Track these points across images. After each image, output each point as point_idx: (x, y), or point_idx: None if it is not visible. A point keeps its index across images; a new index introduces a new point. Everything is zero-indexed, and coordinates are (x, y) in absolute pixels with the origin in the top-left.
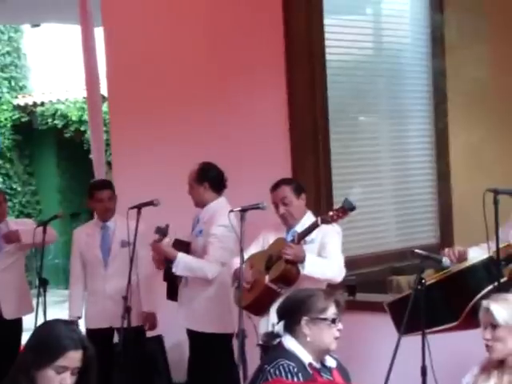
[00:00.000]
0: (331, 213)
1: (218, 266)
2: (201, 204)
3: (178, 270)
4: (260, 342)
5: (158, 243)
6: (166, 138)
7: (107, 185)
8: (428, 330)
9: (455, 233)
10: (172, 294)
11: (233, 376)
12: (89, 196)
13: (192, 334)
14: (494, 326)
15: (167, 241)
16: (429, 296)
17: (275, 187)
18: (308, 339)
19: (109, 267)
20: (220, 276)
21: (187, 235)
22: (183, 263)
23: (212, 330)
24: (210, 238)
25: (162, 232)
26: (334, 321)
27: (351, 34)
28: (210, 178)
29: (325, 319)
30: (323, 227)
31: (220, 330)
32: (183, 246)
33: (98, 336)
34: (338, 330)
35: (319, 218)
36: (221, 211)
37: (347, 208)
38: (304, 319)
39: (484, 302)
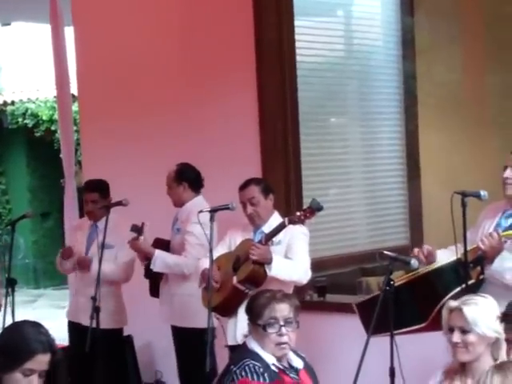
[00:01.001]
0: (298, 213)
1: (195, 262)
2: (179, 203)
3: (155, 266)
4: (228, 343)
5: (135, 241)
6: (137, 138)
7: (95, 188)
8: (396, 331)
9: (425, 234)
10: (154, 291)
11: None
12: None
13: (175, 330)
14: (465, 330)
15: (142, 239)
16: (397, 297)
17: (244, 187)
18: (258, 343)
19: None
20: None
21: (167, 234)
22: (160, 260)
23: (193, 325)
24: (186, 236)
25: (138, 230)
26: (264, 327)
27: (322, 35)
28: (188, 179)
29: (258, 325)
30: (290, 229)
31: (201, 324)
32: (163, 244)
33: (76, 329)
34: (279, 334)
35: (286, 219)
36: (197, 209)
37: (314, 208)
38: (249, 324)
39: (453, 304)
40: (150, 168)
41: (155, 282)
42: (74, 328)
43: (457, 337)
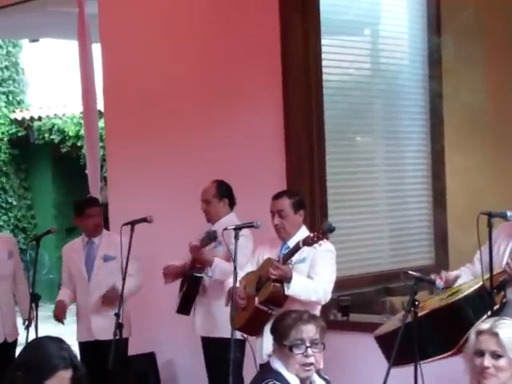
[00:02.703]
0: (312, 235)
1: (242, 272)
2: (215, 219)
3: (215, 274)
4: (258, 362)
5: (203, 247)
6: (162, 154)
7: (96, 201)
8: (420, 362)
9: (450, 254)
10: (183, 308)
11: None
12: (78, 213)
13: (208, 342)
14: (498, 355)
15: (212, 246)
16: (421, 328)
17: (276, 197)
18: (282, 363)
19: (91, 281)
20: None
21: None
22: (219, 267)
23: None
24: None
25: (212, 237)
26: (291, 348)
27: (349, 54)
28: (228, 195)
29: (284, 345)
30: (316, 246)
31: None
32: None
33: (88, 349)
34: (305, 355)
35: (301, 241)
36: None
37: (326, 230)
38: (274, 343)
39: (483, 327)
40: (176, 184)
41: (188, 298)
42: (87, 348)
43: (488, 361)
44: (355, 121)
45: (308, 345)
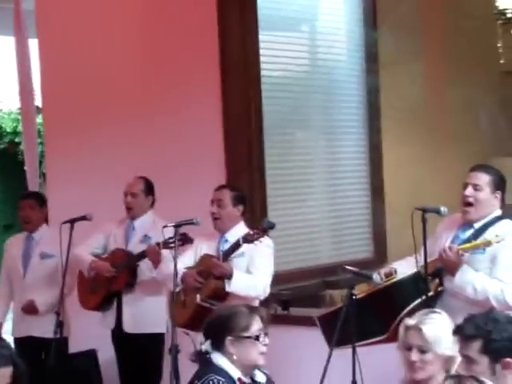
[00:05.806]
0: (252, 232)
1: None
2: (138, 215)
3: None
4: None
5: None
6: (101, 149)
7: (32, 195)
8: (358, 343)
9: (388, 247)
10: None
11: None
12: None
13: (137, 337)
14: (423, 350)
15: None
16: (359, 310)
17: (219, 188)
18: (234, 357)
19: (27, 278)
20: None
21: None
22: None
23: (161, 330)
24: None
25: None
26: (257, 337)
27: (287, 50)
28: (153, 193)
29: (249, 337)
30: (256, 243)
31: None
32: (127, 255)
33: (25, 345)
34: (265, 344)
35: (241, 238)
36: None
37: (266, 227)
38: (228, 339)
39: (410, 322)
40: (115, 178)
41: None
42: (23, 344)
43: (415, 356)
44: (294, 116)
45: (264, 334)
